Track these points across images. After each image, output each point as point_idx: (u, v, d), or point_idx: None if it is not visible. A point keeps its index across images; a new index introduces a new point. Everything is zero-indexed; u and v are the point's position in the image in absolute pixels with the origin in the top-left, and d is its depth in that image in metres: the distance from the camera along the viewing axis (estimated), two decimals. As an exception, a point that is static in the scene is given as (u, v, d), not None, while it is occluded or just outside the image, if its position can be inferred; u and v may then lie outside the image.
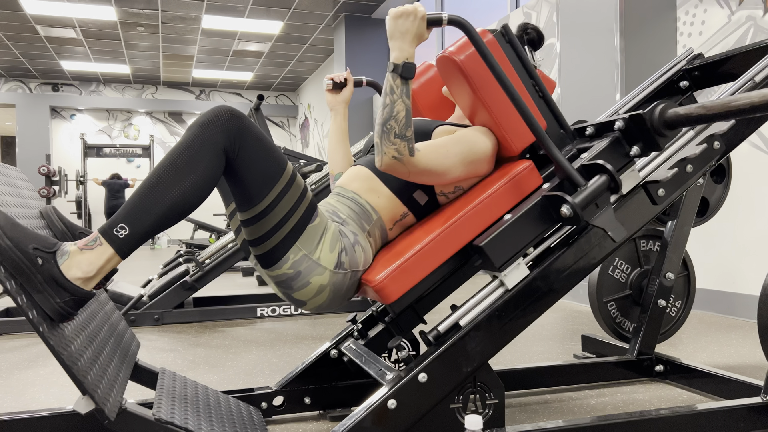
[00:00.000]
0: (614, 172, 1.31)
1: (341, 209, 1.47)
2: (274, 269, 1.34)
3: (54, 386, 2.13)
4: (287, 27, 8.87)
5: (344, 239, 1.39)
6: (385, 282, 1.33)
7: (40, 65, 11.09)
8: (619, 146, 1.40)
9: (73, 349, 1.09)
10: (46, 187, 9.24)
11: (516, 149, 1.47)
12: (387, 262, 1.38)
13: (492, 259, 1.33)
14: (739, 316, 3.26)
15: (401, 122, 1.31)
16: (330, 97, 1.77)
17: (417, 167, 1.34)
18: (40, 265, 1.06)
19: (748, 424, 1.53)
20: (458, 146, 1.42)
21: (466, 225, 1.38)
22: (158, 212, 1.15)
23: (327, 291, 1.37)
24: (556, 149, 1.35)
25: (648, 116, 1.33)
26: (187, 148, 1.19)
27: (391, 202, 1.49)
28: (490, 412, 1.35)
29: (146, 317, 3.32)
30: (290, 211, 1.30)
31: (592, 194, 1.30)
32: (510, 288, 1.35)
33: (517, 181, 1.42)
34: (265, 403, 1.71)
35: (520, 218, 1.35)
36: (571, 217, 1.30)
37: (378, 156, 1.34)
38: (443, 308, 3.64)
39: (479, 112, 1.49)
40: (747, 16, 3.21)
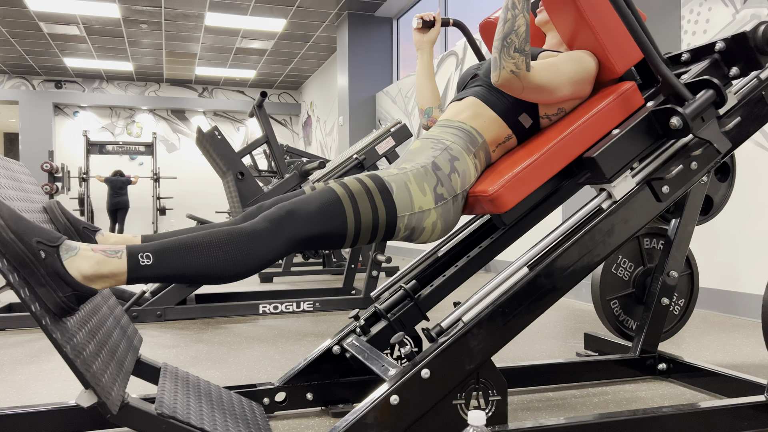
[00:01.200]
0: (721, 86, 1.37)
1: (446, 137, 1.53)
2: (395, 238, 1.43)
3: (56, 381, 2.13)
4: (290, 25, 8.87)
5: (437, 172, 1.44)
6: (501, 191, 1.38)
7: (43, 62, 11.10)
8: (718, 68, 1.47)
9: (76, 343, 1.09)
10: (49, 184, 9.26)
11: (619, 70, 1.51)
12: (496, 176, 1.43)
13: (603, 170, 1.39)
14: (742, 315, 3.25)
15: (521, 36, 1.37)
16: (417, 36, 1.84)
17: (531, 82, 1.42)
18: (43, 258, 1.06)
19: (752, 423, 1.52)
20: (566, 65, 1.48)
21: (577, 139, 1.44)
22: (188, 268, 1.17)
23: (439, 223, 1.44)
24: (663, 64, 1.40)
25: (751, 34, 1.40)
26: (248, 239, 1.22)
27: (496, 125, 1.55)
28: (493, 409, 1.35)
29: (148, 313, 3.32)
30: (374, 213, 1.36)
31: (700, 106, 1.36)
32: (617, 199, 1.41)
33: (624, 98, 1.47)
34: (268, 398, 1.71)
35: (629, 132, 1.42)
36: (680, 128, 1.36)
37: (495, 71, 1.41)
38: (445, 306, 3.64)
39: (582, 35, 1.54)
40: (752, 14, 3.20)
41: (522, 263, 1.39)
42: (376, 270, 3.58)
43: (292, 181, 4.31)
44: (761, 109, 1.55)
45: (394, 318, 1.75)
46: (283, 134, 14.17)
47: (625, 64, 1.52)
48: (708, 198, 2.15)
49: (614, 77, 1.54)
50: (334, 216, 1.33)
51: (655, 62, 1.40)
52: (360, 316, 1.81)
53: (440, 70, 6.91)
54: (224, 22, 8.73)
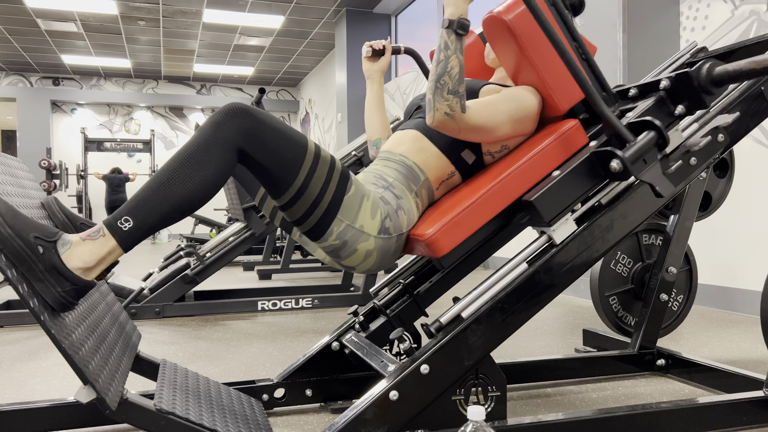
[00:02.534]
0: (662, 127, 1.33)
1: (388, 173, 1.49)
2: (322, 242, 1.37)
3: (55, 378, 2.13)
4: (288, 21, 8.85)
5: (387, 206, 1.40)
6: (437, 235, 1.35)
7: (40, 59, 11.07)
8: (664, 106, 1.42)
9: (75, 339, 1.09)
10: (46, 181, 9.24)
11: (562, 108, 1.49)
12: (437, 217, 1.40)
13: (542, 214, 1.35)
14: (740, 311, 3.26)
15: (455, 78, 1.33)
16: (367, 65, 1.79)
17: (468, 124, 1.38)
18: (41, 253, 1.06)
19: (750, 418, 1.53)
20: (506, 103, 1.45)
21: (516, 180, 1.40)
22: (164, 208, 1.15)
23: (374, 255, 1.39)
24: (604, 105, 1.36)
25: (695, 74, 1.35)
26: (199, 147, 1.18)
27: (439, 161, 1.51)
28: (492, 405, 1.35)
29: (147, 310, 3.32)
30: (324, 187, 1.31)
31: (641, 149, 1.32)
32: (558, 243, 1.37)
33: (565, 138, 1.44)
34: (267, 395, 1.71)
35: (570, 174, 1.38)
36: (620, 171, 1.32)
37: (430, 113, 1.36)
38: (444, 302, 3.64)
39: (525, 72, 1.51)
40: (751, 10, 3.20)
41: (521, 259, 1.38)
42: (375, 267, 3.58)
43: (291, 177, 4.30)
44: (760, 104, 1.55)
45: (393, 314, 1.75)
46: (281, 131, 14.14)
47: (569, 103, 1.48)
48: (707, 194, 2.15)
49: (559, 114, 1.50)
50: (293, 152, 1.26)
51: (595, 103, 1.35)
52: (359, 313, 1.81)
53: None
54: (222, 19, 8.72)
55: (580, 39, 1.50)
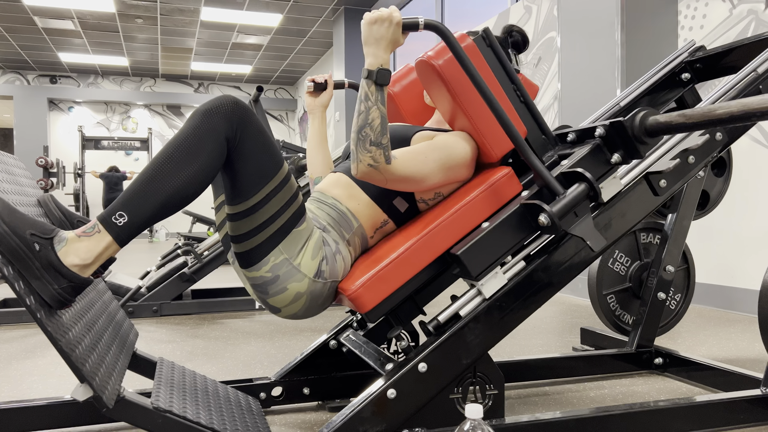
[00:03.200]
0: (593, 180, 1.29)
1: (321, 216, 1.45)
2: (252, 270, 1.31)
3: (52, 376, 2.12)
4: (286, 20, 8.84)
5: (326, 248, 1.36)
6: (360, 291, 1.31)
7: (37, 57, 11.04)
8: (600, 153, 1.38)
9: (71, 336, 1.08)
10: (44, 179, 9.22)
11: (495, 156, 1.45)
12: (365, 269, 1.35)
13: (469, 269, 1.31)
14: (738, 310, 3.26)
15: (376, 130, 1.28)
16: (309, 100, 1.74)
17: (394, 175, 1.32)
18: (37, 251, 1.05)
19: (748, 416, 1.53)
20: (436, 152, 1.39)
21: (444, 233, 1.36)
22: (158, 201, 1.14)
23: (303, 299, 1.35)
24: (534, 157, 1.33)
25: (629, 124, 1.31)
26: (189, 137, 1.17)
27: (370, 210, 1.46)
28: (490, 403, 1.35)
29: (144, 308, 3.31)
30: (279, 212, 1.28)
31: (570, 203, 1.28)
32: (487, 297, 1.33)
33: (495, 188, 1.40)
34: (264, 393, 1.70)
35: (498, 227, 1.34)
36: (549, 226, 1.28)
37: (354, 164, 1.31)
38: (442, 301, 3.64)
39: (458, 118, 1.47)
40: (748, 9, 3.20)
41: (519, 257, 1.38)
42: (373, 265, 3.58)
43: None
44: (758, 103, 1.55)
45: (391, 312, 1.74)
46: (279, 130, 14.14)
47: (502, 150, 1.45)
48: (704, 193, 2.15)
49: (493, 161, 1.47)
50: (268, 164, 1.25)
51: (525, 154, 1.32)
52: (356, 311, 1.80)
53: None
54: (220, 17, 8.70)
55: (519, 81, 1.47)
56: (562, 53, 4.11)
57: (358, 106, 1.30)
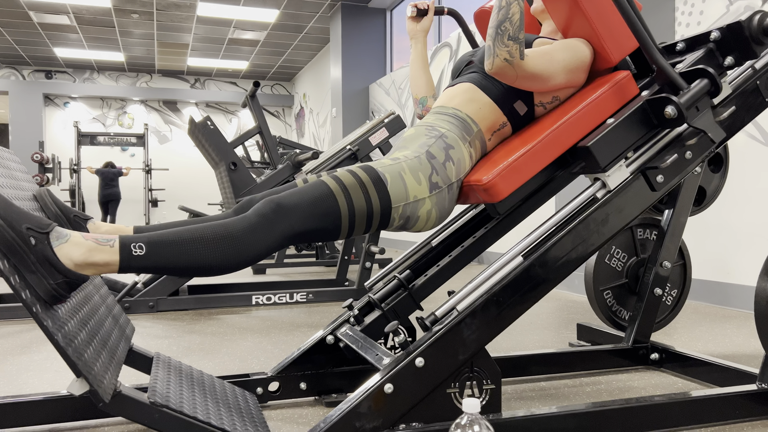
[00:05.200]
0: (716, 75, 1.36)
1: (441, 124, 1.51)
2: (389, 228, 1.42)
3: (48, 372, 2.11)
4: (283, 15, 8.82)
5: (432, 161, 1.42)
6: (495, 180, 1.37)
7: (33, 52, 10.99)
8: (713, 57, 1.46)
9: (67, 331, 1.08)
10: (39, 175, 9.19)
11: (614, 59, 1.50)
12: (491, 165, 1.42)
13: (598, 159, 1.38)
14: (734, 306, 3.27)
15: (515, 24, 1.36)
16: (411, 25, 1.83)
17: (525, 71, 1.40)
18: (33, 245, 1.05)
19: (743, 412, 1.53)
20: (562, 53, 1.47)
21: (572, 128, 1.43)
22: (180, 261, 1.16)
23: (434, 212, 1.43)
24: (659, 54, 1.39)
25: (746, 24, 1.39)
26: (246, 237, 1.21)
27: (491, 111, 1.53)
28: (487, 398, 1.35)
29: (141, 304, 3.31)
30: (368, 204, 1.35)
31: (695, 95, 1.36)
32: (612, 188, 1.41)
33: (618, 87, 1.47)
34: (261, 388, 1.70)
35: (624, 121, 1.41)
36: (674, 117, 1.35)
37: (489, 59, 1.39)
38: (439, 297, 3.64)
39: (577, 23, 1.53)
40: (746, 5, 3.20)
41: (516, 252, 1.38)
42: (370, 261, 3.58)
43: (285, 172, 4.29)
44: (755, 98, 1.55)
45: (388, 308, 1.74)
46: (276, 126, 14.11)
47: (621, 53, 1.51)
48: (701, 189, 2.16)
49: (609, 66, 1.53)
50: (328, 210, 1.32)
51: (650, 51, 1.39)
52: (354, 306, 1.80)
53: (434, 62, 6.89)
54: (216, 12, 8.67)
55: None
56: (559, 49, 4.11)
57: (498, 2, 1.38)
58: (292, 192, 1.32)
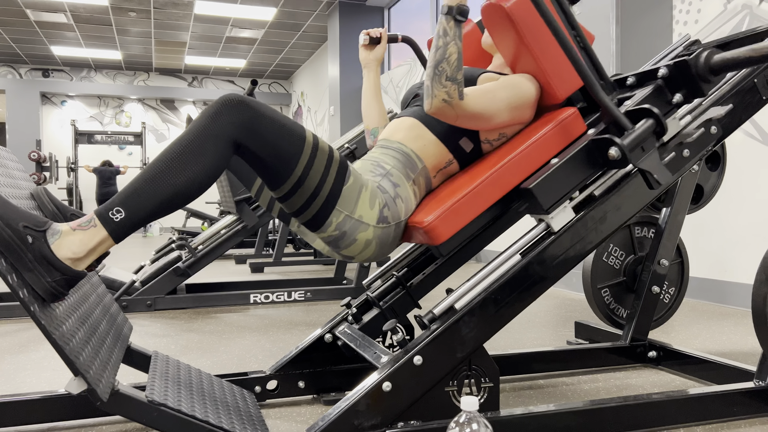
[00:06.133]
0: (660, 115, 1.33)
1: (386, 160, 1.48)
2: (320, 232, 1.36)
3: (46, 370, 2.11)
4: (281, 13, 8.80)
5: (384, 195, 1.39)
6: (435, 223, 1.35)
7: (30, 50, 10.96)
8: (662, 94, 1.42)
9: (65, 330, 1.08)
10: (36, 173, 9.18)
11: (560, 96, 1.48)
12: (435, 205, 1.40)
13: (540, 202, 1.35)
14: (731, 304, 3.28)
15: (453, 65, 1.33)
16: (364, 53, 1.80)
17: (465, 111, 1.37)
18: (30, 243, 1.05)
19: (741, 409, 1.54)
20: (504, 90, 1.44)
21: (515, 168, 1.41)
22: (157, 199, 1.14)
23: (373, 244, 1.39)
24: (603, 92, 1.36)
25: (693, 62, 1.35)
26: (195, 139, 1.17)
27: (436, 149, 1.50)
28: (485, 396, 1.35)
29: (139, 303, 3.30)
30: (322, 178, 1.30)
31: (639, 136, 1.32)
32: (556, 231, 1.37)
33: (564, 125, 1.44)
34: (259, 387, 1.70)
35: (568, 161, 1.38)
36: (618, 159, 1.32)
37: (428, 99, 1.35)
38: (437, 295, 3.64)
39: (523, 59, 1.50)
40: (743, 4, 3.20)
41: (514, 250, 1.38)
42: (368, 259, 3.57)
43: (283, 170, 4.28)
44: (753, 96, 1.55)
45: (386, 306, 1.75)
46: (273, 124, 14.08)
47: (567, 91, 1.48)
48: (699, 187, 2.16)
49: (557, 102, 1.50)
50: (290, 142, 1.25)
51: (594, 90, 1.35)
52: (352, 304, 1.80)
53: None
54: (214, 11, 8.65)
55: (579, 27, 1.49)
56: (557, 47, 4.11)
57: (435, 42, 1.34)
58: (266, 104, 1.27)
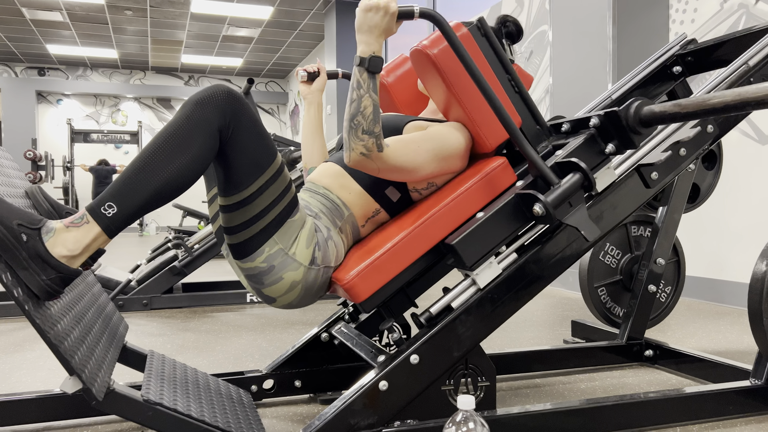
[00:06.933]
0: (588, 170, 1.29)
1: (313, 204, 1.44)
2: (247, 261, 1.30)
3: (41, 370, 2.10)
4: (277, 12, 8.79)
5: (318, 234, 1.35)
6: (355, 281, 1.30)
7: (25, 49, 10.93)
8: (594, 143, 1.39)
9: (60, 329, 1.07)
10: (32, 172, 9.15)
11: (490, 146, 1.44)
12: (358, 259, 1.35)
13: (463, 258, 1.31)
14: (727, 303, 3.29)
15: (369, 118, 1.27)
16: (303, 88, 1.73)
17: (386, 164, 1.31)
18: (24, 241, 1.04)
19: (737, 408, 1.54)
20: (430, 142, 1.39)
21: (438, 223, 1.36)
22: (147, 192, 1.12)
23: (299, 288, 1.34)
24: (529, 146, 1.32)
25: (623, 114, 1.31)
26: (181, 127, 1.15)
27: (362, 199, 1.45)
28: (482, 395, 1.35)
29: (135, 302, 3.29)
30: (273, 203, 1.27)
31: (564, 193, 1.28)
32: (482, 287, 1.33)
33: (489, 178, 1.40)
34: (255, 386, 1.70)
35: (492, 216, 1.34)
36: (543, 215, 1.28)
37: (346, 152, 1.30)
38: (434, 294, 3.64)
39: (453, 108, 1.46)
40: (739, 3, 3.21)
41: (511, 249, 1.38)
42: (364, 258, 3.57)
43: (280, 169, 4.27)
44: (749, 96, 1.55)
45: (383, 305, 1.74)
46: (270, 123, 14.08)
47: (496, 140, 1.44)
48: (695, 186, 2.16)
49: (487, 152, 1.47)
50: (261, 154, 1.24)
51: (519, 143, 1.31)
52: (348, 304, 1.80)
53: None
54: (210, 9, 8.64)
55: (514, 71, 1.46)
56: (553, 47, 4.11)
57: (350, 95, 1.29)
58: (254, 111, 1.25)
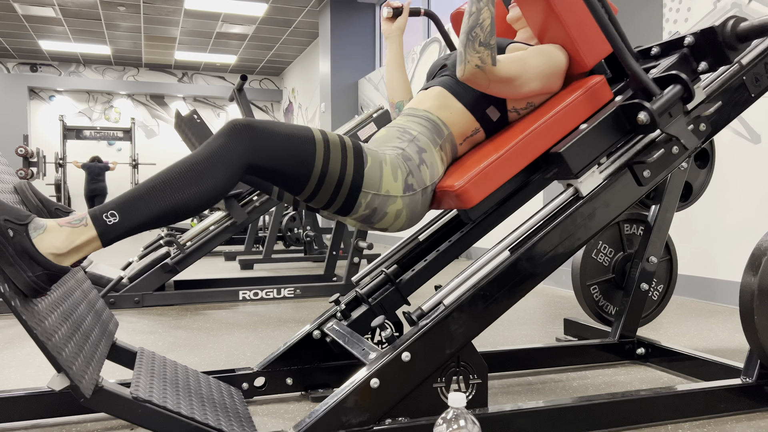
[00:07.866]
0: (689, 81, 1.35)
1: (412, 127, 1.48)
2: (353, 214, 1.38)
3: (30, 367, 2.09)
4: (272, 9, 8.76)
5: (408, 162, 1.40)
6: (466, 186, 1.36)
7: (17, 45, 10.85)
8: (687, 62, 1.45)
9: (47, 325, 1.06)
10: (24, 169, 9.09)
11: (588, 64, 1.49)
12: (463, 171, 1.41)
13: (570, 166, 1.38)
14: (719, 301, 3.30)
15: (486, 30, 1.33)
16: (386, 25, 1.79)
17: (497, 76, 1.37)
18: (11, 237, 1.03)
19: (728, 405, 1.54)
20: (536, 59, 1.45)
21: (545, 134, 1.41)
22: (155, 210, 1.12)
23: (404, 214, 1.40)
24: (631, 58, 1.37)
25: (720, 29, 1.38)
26: (204, 161, 1.16)
27: (463, 117, 1.50)
28: (474, 392, 1.35)
29: (126, 299, 3.27)
30: (342, 169, 1.31)
31: (668, 101, 1.35)
32: (584, 195, 1.40)
33: (592, 92, 1.46)
34: (246, 383, 1.69)
35: (597, 127, 1.41)
36: (647, 124, 1.34)
37: (461, 65, 1.36)
38: (426, 292, 3.64)
39: (552, 29, 1.51)
40: (733, 2, 3.22)
41: (503, 247, 1.38)
42: (358, 256, 3.57)
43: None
44: (742, 94, 1.56)
45: (375, 302, 1.74)
46: (264, 121, 14.04)
47: (595, 58, 1.48)
48: (687, 184, 2.17)
49: (584, 71, 1.51)
50: (302, 154, 1.26)
51: (623, 57, 1.38)
52: (341, 301, 1.79)
53: (423, 57, 6.88)
54: (204, 6, 8.60)
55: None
56: (547, 45, 4.11)
57: (468, 8, 1.35)
58: (270, 120, 1.27)
